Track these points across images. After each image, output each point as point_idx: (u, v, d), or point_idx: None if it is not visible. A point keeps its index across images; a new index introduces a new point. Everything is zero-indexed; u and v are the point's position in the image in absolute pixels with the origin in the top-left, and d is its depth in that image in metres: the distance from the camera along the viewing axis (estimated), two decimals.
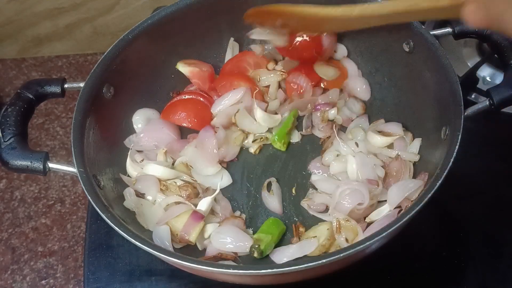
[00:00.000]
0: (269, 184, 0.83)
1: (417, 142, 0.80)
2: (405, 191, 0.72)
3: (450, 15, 0.56)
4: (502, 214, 0.82)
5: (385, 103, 0.89)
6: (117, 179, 0.80)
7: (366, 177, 0.77)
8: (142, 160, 0.83)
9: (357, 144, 0.82)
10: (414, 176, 0.78)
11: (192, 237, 0.74)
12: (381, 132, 0.83)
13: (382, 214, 0.75)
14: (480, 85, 0.94)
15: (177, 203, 0.77)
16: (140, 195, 0.79)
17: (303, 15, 0.72)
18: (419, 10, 0.57)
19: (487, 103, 0.71)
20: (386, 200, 0.75)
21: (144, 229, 0.76)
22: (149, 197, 0.79)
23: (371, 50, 0.90)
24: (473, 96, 0.93)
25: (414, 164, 0.80)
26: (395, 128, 0.83)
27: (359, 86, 0.91)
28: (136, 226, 0.75)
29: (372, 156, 0.81)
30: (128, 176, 0.81)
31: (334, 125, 0.87)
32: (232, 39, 0.95)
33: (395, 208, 0.74)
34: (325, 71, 0.91)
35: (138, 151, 0.85)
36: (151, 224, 0.76)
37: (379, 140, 0.81)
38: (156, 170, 0.80)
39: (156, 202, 0.78)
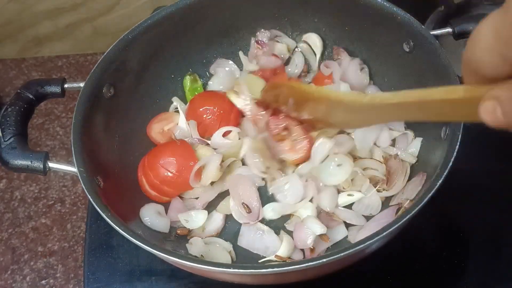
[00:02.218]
0: None
1: (418, 141, 0.80)
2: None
3: (467, 115, 0.48)
4: (502, 214, 0.82)
5: None
6: (117, 179, 0.80)
7: None
8: None
9: None
10: (412, 177, 0.77)
11: None
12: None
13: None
14: None
15: None
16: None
17: (316, 96, 0.71)
18: (432, 103, 0.51)
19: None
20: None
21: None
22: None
23: (371, 50, 0.90)
24: None
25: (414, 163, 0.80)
26: (398, 125, 0.83)
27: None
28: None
29: None
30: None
31: None
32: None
33: (393, 205, 0.75)
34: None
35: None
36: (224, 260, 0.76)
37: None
38: None
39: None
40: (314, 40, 0.94)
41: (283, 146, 0.81)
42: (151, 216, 0.79)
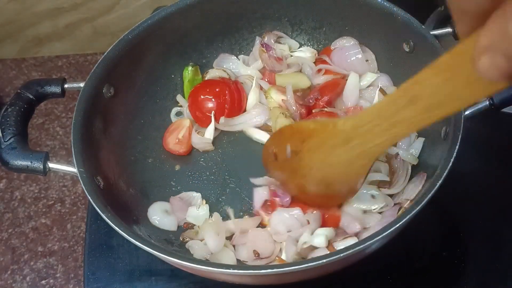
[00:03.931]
0: None
1: (420, 142, 0.80)
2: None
3: (471, 91, 0.41)
4: (502, 214, 0.82)
5: None
6: (117, 179, 0.80)
7: None
8: None
9: None
10: (412, 177, 0.77)
11: None
12: None
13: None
14: None
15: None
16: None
17: (309, 129, 0.66)
18: (427, 84, 0.46)
19: (487, 103, 0.71)
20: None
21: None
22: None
23: (371, 50, 0.90)
24: None
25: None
26: None
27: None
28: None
29: None
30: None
31: None
32: None
33: (394, 205, 0.75)
34: None
35: None
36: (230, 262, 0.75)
37: None
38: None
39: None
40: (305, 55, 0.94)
41: None
42: (159, 214, 0.79)
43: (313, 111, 0.86)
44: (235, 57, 0.96)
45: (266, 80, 0.92)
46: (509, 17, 0.30)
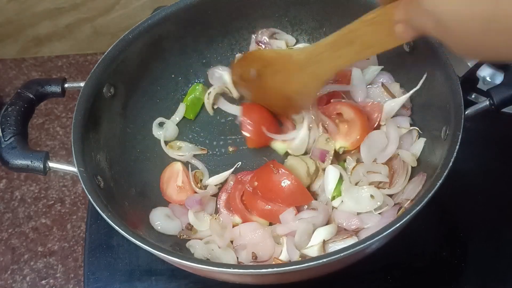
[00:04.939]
0: None
1: (421, 142, 0.80)
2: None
3: (390, 40, 0.63)
4: (502, 214, 0.82)
5: None
6: (117, 179, 0.80)
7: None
8: None
9: None
10: (412, 177, 0.77)
11: None
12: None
13: None
14: (480, 85, 0.94)
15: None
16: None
17: (270, 57, 0.81)
18: (355, 31, 0.66)
19: (487, 103, 0.71)
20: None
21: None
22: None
23: None
24: (473, 96, 0.93)
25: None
26: (404, 122, 0.82)
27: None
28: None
29: None
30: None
31: None
32: None
33: (394, 205, 0.75)
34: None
35: None
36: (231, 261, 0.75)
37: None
38: None
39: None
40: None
41: (340, 130, 0.81)
42: (162, 220, 0.79)
43: (332, 100, 0.85)
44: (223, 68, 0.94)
45: None
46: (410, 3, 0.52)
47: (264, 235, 0.75)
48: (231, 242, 0.76)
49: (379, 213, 0.75)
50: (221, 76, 0.93)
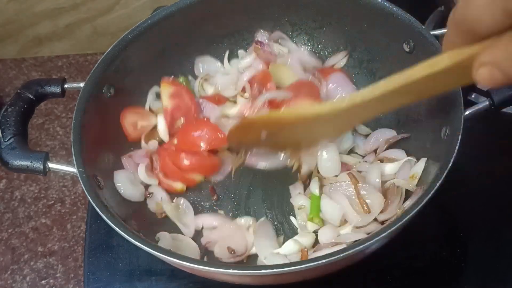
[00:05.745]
0: None
1: (422, 162, 0.77)
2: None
3: (455, 82, 0.50)
4: (502, 214, 0.82)
5: None
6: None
7: None
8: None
9: None
10: (408, 196, 0.76)
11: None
12: (385, 159, 0.81)
13: None
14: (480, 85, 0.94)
15: None
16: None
17: (289, 120, 0.65)
18: (416, 83, 0.49)
19: (487, 103, 0.71)
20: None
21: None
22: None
23: (370, 50, 0.90)
24: (473, 96, 0.93)
25: None
26: (399, 153, 0.81)
27: None
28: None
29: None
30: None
31: None
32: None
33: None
34: None
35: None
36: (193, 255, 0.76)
37: (389, 168, 0.80)
38: None
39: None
40: None
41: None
42: (124, 183, 0.80)
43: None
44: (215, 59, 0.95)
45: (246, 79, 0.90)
46: None
47: (228, 227, 0.78)
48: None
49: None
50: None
